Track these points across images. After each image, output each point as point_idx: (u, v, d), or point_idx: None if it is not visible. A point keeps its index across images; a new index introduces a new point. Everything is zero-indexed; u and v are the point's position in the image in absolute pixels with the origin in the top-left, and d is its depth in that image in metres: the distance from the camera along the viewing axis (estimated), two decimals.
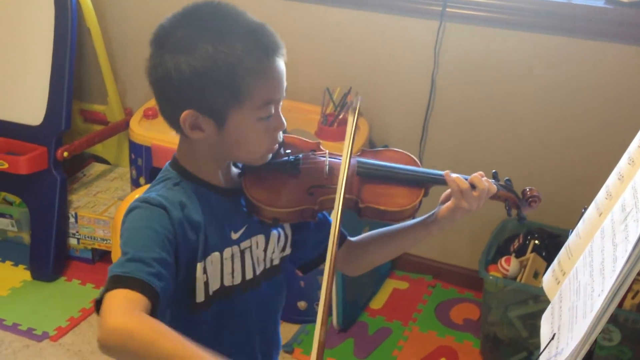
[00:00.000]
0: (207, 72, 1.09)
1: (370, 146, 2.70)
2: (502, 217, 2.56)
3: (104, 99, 3.04)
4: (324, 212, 1.30)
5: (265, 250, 1.24)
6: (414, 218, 1.31)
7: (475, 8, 2.47)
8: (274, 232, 1.25)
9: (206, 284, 1.17)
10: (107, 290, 1.00)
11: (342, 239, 1.35)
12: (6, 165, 2.69)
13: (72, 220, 2.82)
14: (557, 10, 2.39)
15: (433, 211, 1.29)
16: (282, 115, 1.19)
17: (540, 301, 2.23)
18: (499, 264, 2.37)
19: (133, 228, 1.09)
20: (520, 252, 2.44)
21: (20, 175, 2.70)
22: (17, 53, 2.79)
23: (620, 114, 2.40)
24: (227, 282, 1.20)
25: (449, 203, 1.26)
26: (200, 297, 1.17)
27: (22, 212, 2.90)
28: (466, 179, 1.25)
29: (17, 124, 2.77)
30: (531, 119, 2.54)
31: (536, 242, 2.44)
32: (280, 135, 1.21)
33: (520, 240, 2.47)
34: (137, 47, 3.04)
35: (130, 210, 1.12)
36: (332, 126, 2.55)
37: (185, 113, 1.12)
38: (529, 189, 1.33)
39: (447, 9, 2.48)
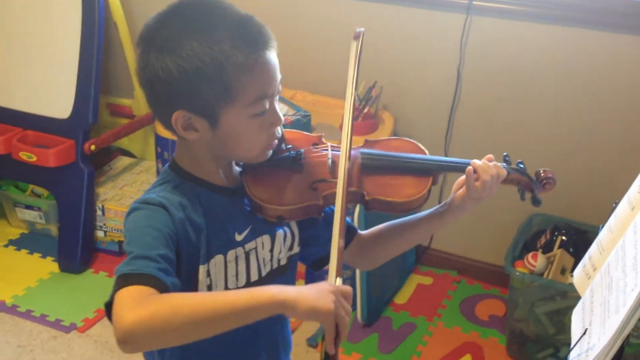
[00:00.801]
0: (194, 70, 1.06)
1: None
2: (529, 213, 2.54)
3: (130, 93, 3.06)
4: (332, 207, 1.26)
5: (271, 251, 1.21)
6: (430, 207, 1.27)
7: (501, 1, 2.45)
8: (280, 232, 1.22)
9: (209, 287, 1.14)
10: (116, 290, 0.98)
11: (352, 233, 1.32)
12: (35, 158, 2.73)
13: (99, 212, 2.85)
14: (585, 3, 2.36)
15: (446, 201, 1.25)
16: (278, 110, 1.14)
17: (568, 297, 2.21)
18: (525, 260, 2.35)
19: (135, 229, 1.07)
20: (547, 248, 2.41)
21: (49, 168, 2.73)
22: (46, 48, 2.82)
23: None
24: (231, 285, 1.17)
25: (460, 191, 1.22)
26: None
27: (50, 205, 2.94)
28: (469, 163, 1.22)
29: (46, 118, 2.80)
30: (558, 113, 2.51)
31: (563, 238, 2.41)
32: (279, 130, 1.17)
33: (548, 236, 2.44)
34: None
35: (130, 212, 1.10)
36: (356, 120, 2.54)
37: (176, 114, 1.09)
38: (543, 170, 1.28)
39: (474, 2, 2.46)
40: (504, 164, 1.26)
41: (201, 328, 0.96)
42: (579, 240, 2.39)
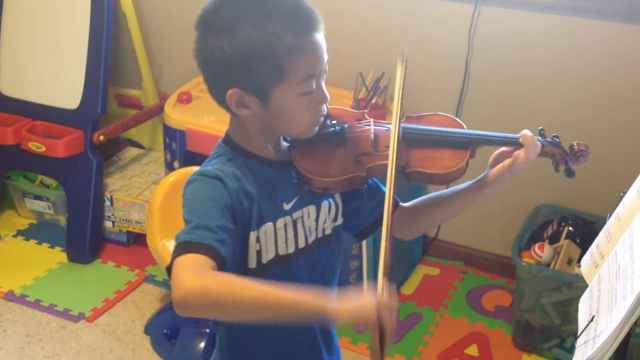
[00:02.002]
0: (248, 51, 1.13)
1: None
2: (536, 203, 2.54)
3: (138, 83, 3.07)
4: (375, 180, 1.33)
5: (317, 220, 1.27)
6: (465, 180, 1.31)
7: None
8: (325, 202, 1.28)
9: (259, 252, 1.21)
10: (177, 255, 1.06)
11: (394, 205, 1.36)
12: (44, 149, 2.74)
13: (107, 203, 2.87)
14: None
15: (483, 174, 1.30)
16: (324, 89, 1.21)
17: (574, 288, 2.21)
18: (532, 251, 2.36)
19: (194, 199, 1.14)
20: (554, 239, 2.42)
21: (57, 158, 2.75)
22: (55, 38, 2.83)
23: None
24: (282, 252, 1.24)
25: (501, 165, 1.27)
26: (252, 263, 1.21)
27: (59, 195, 2.95)
28: (516, 138, 1.28)
29: (55, 108, 2.82)
30: (566, 104, 2.51)
31: (570, 228, 2.41)
32: (325, 107, 1.23)
33: (554, 227, 2.45)
34: (172, 33, 3.07)
35: (188, 183, 1.17)
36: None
37: (230, 92, 1.16)
38: (577, 143, 1.33)
39: None
40: (539, 138, 1.32)
41: (246, 313, 1.05)
42: (585, 231, 2.39)
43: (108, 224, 2.90)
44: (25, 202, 3.04)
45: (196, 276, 1.03)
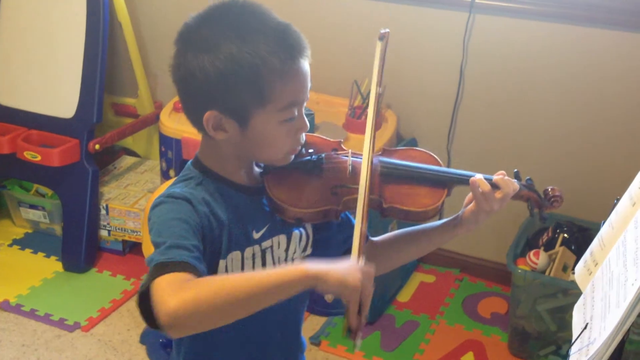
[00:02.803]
0: (230, 73, 1.08)
1: (398, 138, 2.70)
2: None
3: (134, 92, 3.08)
4: (347, 213, 1.29)
5: (286, 250, 1.23)
6: (439, 218, 1.30)
7: None
8: (296, 232, 1.24)
9: None
10: (153, 278, 1.00)
11: (365, 238, 1.34)
12: (39, 158, 2.74)
13: (103, 212, 2.86)
14: (588, 1, 2.37)
15: (457, 214, 1.28)
16: (305, 117, 1.17)
17: (569, 294, 2.22)
18: (527, 258, 2.36)
19: (163, 221, 1.09)
20: (549, 246, 2.42)
21: (53, 167, 2.75)
22: (50, 47, 2.83)
23: None
24: None
25: (471, 206, 1.25)
26: None
27: (55, 204, 2.95)
28: (490, 179, 1.24)
29: (50, 117, 2.82)
30: (561, 111, 2.52)
31: (565, 235, 2.42)
32: (303, 136, 1.19)
33: (549, 234, 2.45)
34: (168, 41, 3.05)
35: (155, 205, 1.12)
36: (359, 119, 2.55)
37: (208, 113, 1.12)
38: (551, 188, 1.32)
39: (477, 1, 2.47)
40: (515, 180, 1.29)
41: (241, 306, 1.00)
42: (580, 237, 2.40)
43: (104, 232, 2.89)
44: (20, 211, 3.04)
45: (180, 293, 0.97)
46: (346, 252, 1.25)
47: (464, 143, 2.68)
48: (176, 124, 2.61)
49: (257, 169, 1.24)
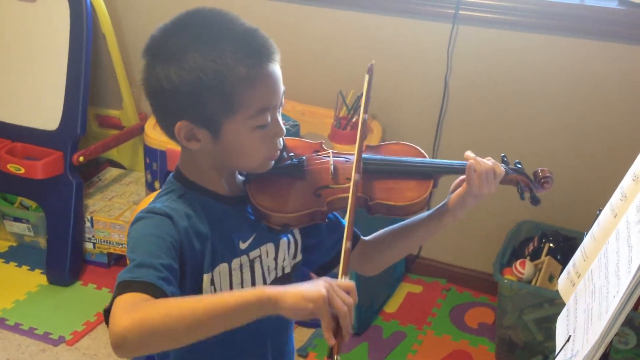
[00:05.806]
0: (197, 82, 1.07)
1: None
2: (517, 220, 2.55)
3: (119, 104, 3.06)
4: (335, 214, 1.28)
5: (275, 259, 1.22)
6: (427, 210, 1.29)
7: (487, 10, 2.47)
8: (284, 239, 1.23)
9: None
10: (115, 296, 0.99)
11: (355, 238, 1.33)
12: (23, 170, 2.72)
13: (87, 224, 2.84)
14: (570, 12, 2.38)
15: (444, 201, 1.26)
16: (280, 122, 1.15)
17: (556, 304, 2.22)
18: (513, 268, 2.37)
19: (139, 237, 1.08)
20: (535, 255, 2.43)
21: (37, 180, 2.73)
22: (34, 59, 2.82)
23: (633, 115, 2.39)
24: None
25: (459, 190, 1.24)
26: None
27: (39, 217, 2.93)
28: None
29: (34, 129, 2.80)
30: (544, 120, 2.53)
31: (551, 245, 2.43)
32: (281, 141, 1.18)
33: (535, 244, 2.46)
34: None
35: (135, 220, 1.11)
36: (345, 129, 2.55)
37: (179, 124, 1.10)
38: (541, 169, 1.30)
39: (460, 12, 2.48)
40: (502, 165, 1.28)
41: (193, 330, 0.97)
42: (566, 247, 2.41)
43: (89, 245, 2.87)
44: (4, 224, 3.01)
45: (130, 313, 0.95)
46: (337, 255, 1.24)
47: (450, 153, 2.67)
48: (161, 136, 2.59)
49: (240, 177, 1.22)
